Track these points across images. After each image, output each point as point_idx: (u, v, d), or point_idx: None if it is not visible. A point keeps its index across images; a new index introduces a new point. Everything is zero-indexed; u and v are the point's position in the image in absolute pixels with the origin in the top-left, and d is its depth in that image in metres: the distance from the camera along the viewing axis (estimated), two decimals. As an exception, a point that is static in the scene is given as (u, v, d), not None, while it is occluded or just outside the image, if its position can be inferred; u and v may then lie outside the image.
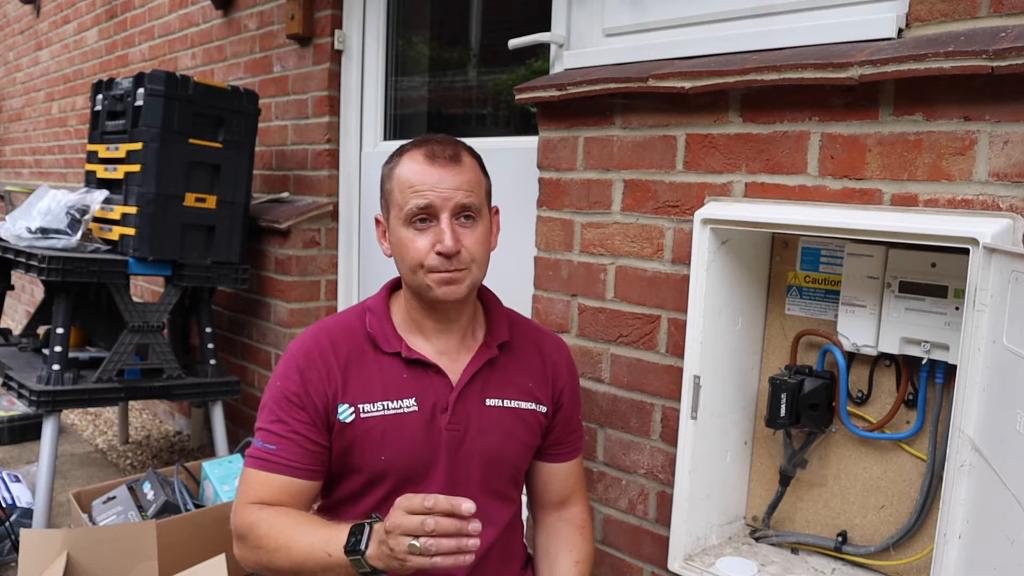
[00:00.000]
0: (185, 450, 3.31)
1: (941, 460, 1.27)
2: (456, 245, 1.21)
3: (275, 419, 1.25)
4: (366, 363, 1.28)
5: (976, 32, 1.21)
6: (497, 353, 1.34)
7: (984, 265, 1.05)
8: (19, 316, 5.36)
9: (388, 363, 1.29)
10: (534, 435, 1.36)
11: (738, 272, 1.48)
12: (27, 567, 1.80)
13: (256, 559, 1.22)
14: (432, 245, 1.22)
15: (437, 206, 1.22)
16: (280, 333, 2.76)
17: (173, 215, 2.39)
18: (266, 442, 1.25)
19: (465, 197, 1.23)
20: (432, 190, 1.22)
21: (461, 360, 1.32)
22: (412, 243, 1.23)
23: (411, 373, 1.29)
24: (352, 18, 2.68)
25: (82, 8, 4.55)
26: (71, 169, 4.75)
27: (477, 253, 1.25)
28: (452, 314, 1.31)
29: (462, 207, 1.23)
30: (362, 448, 1.25)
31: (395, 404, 1.26)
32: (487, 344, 1.34)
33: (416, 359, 1.28)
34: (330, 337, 1.29)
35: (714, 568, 1.46)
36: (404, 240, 1.24)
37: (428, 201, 1.22)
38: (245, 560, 1.24)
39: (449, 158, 1.24)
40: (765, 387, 1.53)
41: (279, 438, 1.24)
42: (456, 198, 1.22)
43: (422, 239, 1.23)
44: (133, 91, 2.39)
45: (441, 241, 1.21)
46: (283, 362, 1.29)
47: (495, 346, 1.34)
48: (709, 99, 1.52)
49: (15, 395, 2.34)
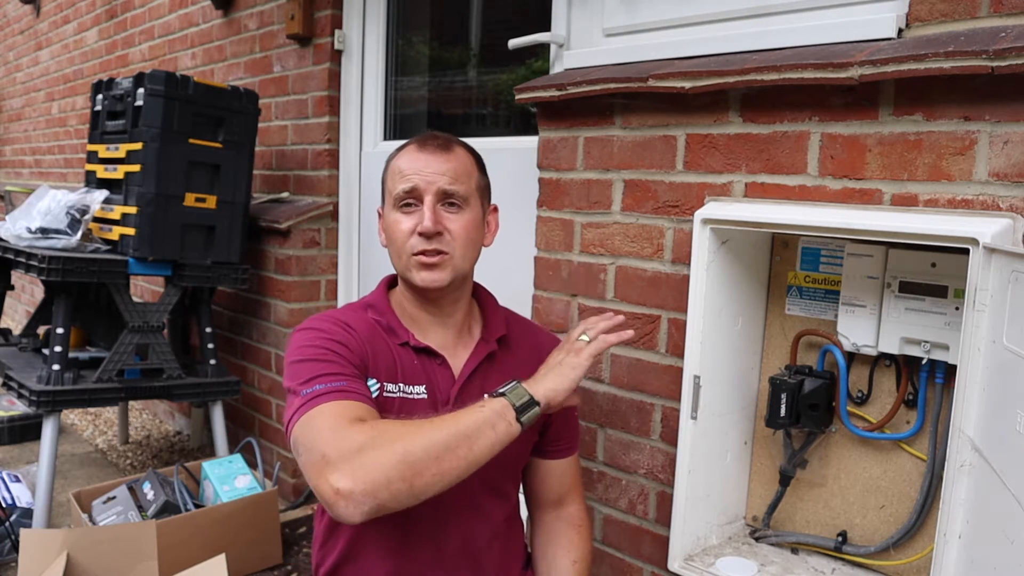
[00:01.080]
0: (185, 450, 3.31)
1: (941, 460, 1.27)
2: (435, 226, 1.24)
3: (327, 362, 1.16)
4: (381, 345, 1.29)
5: (976, 32, 1.21)
6: (496, 347, 1.35)
7: (984, 265, 1.05)
8: (19, 316, 5.36)
9: (400, 349, 1.30)
10: (533, 430, 1.36)
11: (738, 272, 1.48)
12: (27, 567, 1.80)
13: (391, 453, 1.01)
14: (415, 226, 1.25)
15: (421, 189, 1.26)
16: (280, 333, 2.76)
17: (173, 215, 2.39)
18: (330, 382, 1.13)
19: (449, 184, 1.26)
20: (417, 174, 1.26)
21: (460, 355, 1.34)
22: (398, 225, 1.27)
23: (420, 361, 1.30)
24: (352, 18, 2.68)
25: (82, 8, 4.55)
26: (71, 169, 4.75)
27: (460, 239, 1.27)
28: (446, 307, 1.33)
29: (445, 193, 1.26)
30: None
31: (408, 388, 1.28)
32: (485, 339, 1.36)
33: (424, 348, 1.31)
34: (341, 320, 1.29)
35: (714, 568, 1.46)
36: (391, 223, 1.28)
37: (413, 184, 1.26)
38: (369, 469, 1.00)
39: (438, 147, 1.29)
40: (765, 387, 1.53)
41: (343, 376, 1.15)
42: (439, 183, 1.26)
43: (407, 221, 1.26)
44: (133, 91, 2.39)
45: (421, 222, 1.24)
46: (302, 336, 1.23)
47: (493, 341, 1.36)
48: (709, 99, 1.52)
49: (15, 395, 2.34)
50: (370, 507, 1.00)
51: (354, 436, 1.03)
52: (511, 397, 1.12)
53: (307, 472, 1.04)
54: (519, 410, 1.11)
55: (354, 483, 0.99)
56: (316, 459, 1.03)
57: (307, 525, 2.55)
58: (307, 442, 1.06)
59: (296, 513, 2.65)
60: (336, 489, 0.99)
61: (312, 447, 1.05)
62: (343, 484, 0.99)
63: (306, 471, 1.05)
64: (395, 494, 1.00)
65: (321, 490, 1.01)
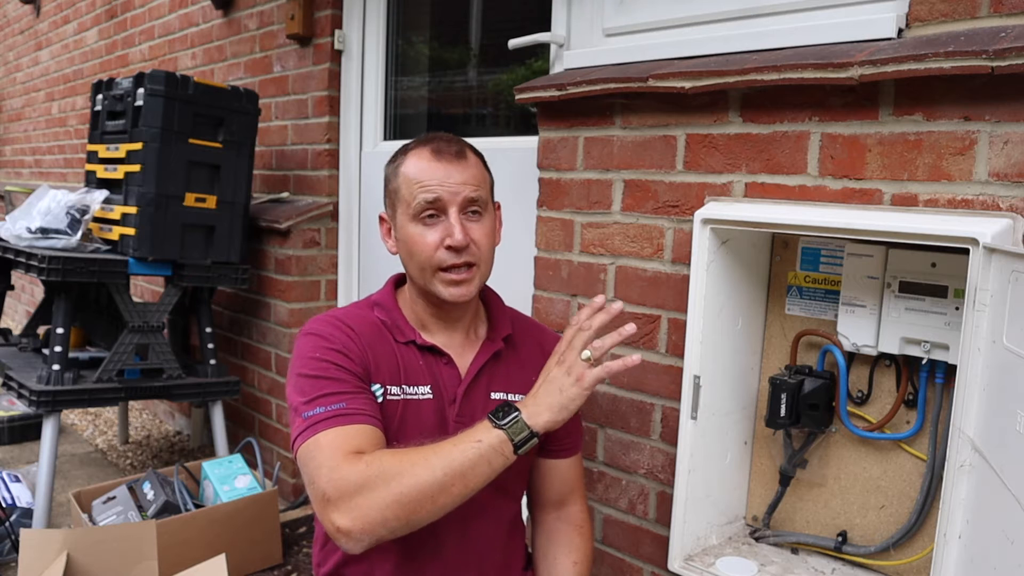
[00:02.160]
0: (185, 450, 3.31)
1: (941, 460, 1.27)
2: (466, 239, 1.23)
3: (330, 379, 1.19)
4: (384, 347, 1.29)
5: (976, 32, 1.21)
6: (502, 347, 1.36)
7: (984, 265, 1.05)
8: (19, 316, 5.36)
9: (404, 349, 1.30)
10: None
11: (738, 272, 1.48)
12: (27, 567, 1.80)
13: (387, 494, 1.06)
14: (441, 240, 1.23)
15: (445, 200, 1.24)
16: (280, 333, 2.76)
17: (173, 215, 2.39)
18: (331, 404, 1.16)
19: (472, 191, 1.25)
20: (440, 185, 1.24)
21: (466, 355, 1.34)
22: (422, 238, 1.24)
23: (426, 360, 1.30)
24: (352, 18, 2.68)
25: (82, 8, 4.55)
26: (71, 169, 4.75)
27: (485, 247, 1.27)
28: (457, 312, 1.33)
29: (470, 201, 1.25)
30: (386, 429, 1.24)
31: (412, 389, 1.28)
32: (491, 339, 1.36)
33: (430, 347, 1.30)
34: (345, 322, 1.28)
35: (714, 568, 1.46)
36: (413, 236, 1.25)
37: (436, 196, 1.23)
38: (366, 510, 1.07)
39: (455, 154, 1.27)
40: (765, 387, 1.53)
41: (344, 395, 1.17)
42: (464, 192, 1.24)
43: (431, 234, 1.24)
44: (133, 91, 2.39)
45: (451, 235, 1.23)
46: (309, 340, 1.24)
47: (499, 340, 1.36)
48: (709, 99, 1.52)
49: (15, 395, 2.34)
50: (369, 542, 1.09)
51: (351, 476, 1.08)
52: (511, 431, 1.11)
53: (312, 502, 1.13)
54: (517, 445, 1.11)
55: (352, 523, 1.07)
56: (318, 496, 1.10)
57: (307, 525, 2.55)
58: (309, 475, 1.13)
59: (296, 513, 2.65)
60: (337, 527, 1.08)
61: (314, 482, 1.11)
62: (343, 523, 1.07)
63: (311, 500, 1.13)
64: (392, 530, 1.09)
65: (324, 524, 1.10)
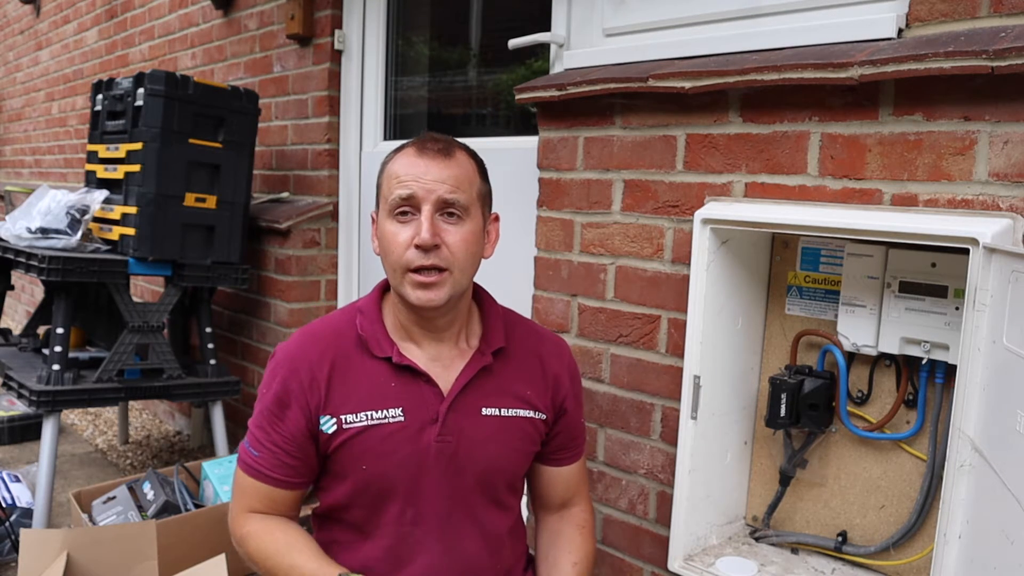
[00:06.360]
0: (185, 450, 3.31)
1: (941, 460, 1.27)
2: (433, 238, 1.15)
3: (259, 426, 1.27)
4: (352, 370, 1.24)
5: (976, 32, 1.21)
6: (492, 361, 1.28)
7: (984, 265, 1.05)
8: (19, 316, 5.36)
9: (377, 370, 1.24)
10: (533, 443, 1.32)
11: (738, 272, 1.48)
12: (27, 567, 1.80)
13: (253, 559, 1.27)
14: (412, 238, 1.16)
15: (419, 197, 1.16)
16: (280, 333, 2.76)
17: (173, 215, 2.39)
18: (252, 446, 1.27)
19: (449, 192, 1.17)
20: (416, 181, 1.17)
21: (454, 367, 1.27)
22: (394, 236, 1.18)
23: (399, 381, 1.24)
24: (352, 18, 2.68)
25: (82, 8, 4.55)
26: (71, 169, 4.75)
27: (459, 254, 1.18)
28: (440, 321, 1.25)
29: (444, 202, 1.17)
30: (345, 458, 1.23)
31: (379, 414, 1.22)
32: (481, 351, 1.28)
33: (406, 365, 1.23)
34: (317, 344, 1.25)
35: (714, 568, 1.46)
36: (386, 233, 1.20)
37: (410, 192, 1.16)
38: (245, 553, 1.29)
39: (438, 152, 1.20)
40: (765, 387, 1.53)
41: (261, 446, 1.26)
42: (439, 191, 1.16)
43: (404, 232, 1.17)
44: (133, 91, 2.39)
45: (419, 233, 1.15)
46: (269, 368, 1.29)
47: (489, 353, 1.28)
48: (709, 99, 1.52)
49: (15, 395, 2.34)
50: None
51: (238, 528, 1.28)
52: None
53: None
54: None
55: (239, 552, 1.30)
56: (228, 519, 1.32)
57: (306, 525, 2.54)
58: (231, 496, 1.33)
59: (296, 513, 2.65)
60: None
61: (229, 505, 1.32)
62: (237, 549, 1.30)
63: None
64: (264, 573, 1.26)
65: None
